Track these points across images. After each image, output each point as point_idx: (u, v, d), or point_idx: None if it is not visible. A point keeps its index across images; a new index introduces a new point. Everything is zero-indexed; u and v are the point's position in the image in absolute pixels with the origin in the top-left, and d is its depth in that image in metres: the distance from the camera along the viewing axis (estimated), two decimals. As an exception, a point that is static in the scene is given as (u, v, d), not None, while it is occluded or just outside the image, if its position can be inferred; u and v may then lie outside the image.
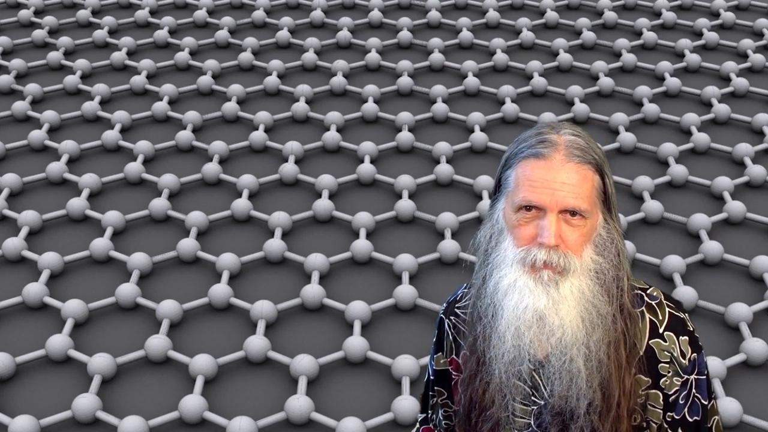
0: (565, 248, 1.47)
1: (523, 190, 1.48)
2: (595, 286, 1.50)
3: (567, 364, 1.50)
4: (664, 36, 5.58)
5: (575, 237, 1.48)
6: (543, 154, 1.48)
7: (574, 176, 1.47)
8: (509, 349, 1.51)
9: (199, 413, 2.99)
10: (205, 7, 5.80)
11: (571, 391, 1.51)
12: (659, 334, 1.57)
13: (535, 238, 1.48)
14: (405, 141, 4.41)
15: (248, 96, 4.92)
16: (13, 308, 3.53)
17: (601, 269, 1.51)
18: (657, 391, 1.56)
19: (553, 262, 1.46)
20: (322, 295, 3.48)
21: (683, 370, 1.56)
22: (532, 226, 1.48)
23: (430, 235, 3.91)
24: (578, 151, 1.49)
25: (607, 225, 1.53)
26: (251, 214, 3.96)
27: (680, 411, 1.57)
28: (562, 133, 1.51)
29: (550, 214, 1.46)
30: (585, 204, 1.47)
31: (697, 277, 3.69)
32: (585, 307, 1.49)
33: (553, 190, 1.46)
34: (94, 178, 4.12)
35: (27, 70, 5.09)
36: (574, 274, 1.48)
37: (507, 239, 1.51)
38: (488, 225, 1.57)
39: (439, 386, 1.77)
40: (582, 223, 1.48)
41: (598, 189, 1.51)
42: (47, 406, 3.10)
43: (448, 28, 5.66)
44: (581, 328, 1.49)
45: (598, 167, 1.51)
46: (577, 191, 1.47)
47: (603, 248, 1.52)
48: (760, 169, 4.18)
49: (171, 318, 3.39)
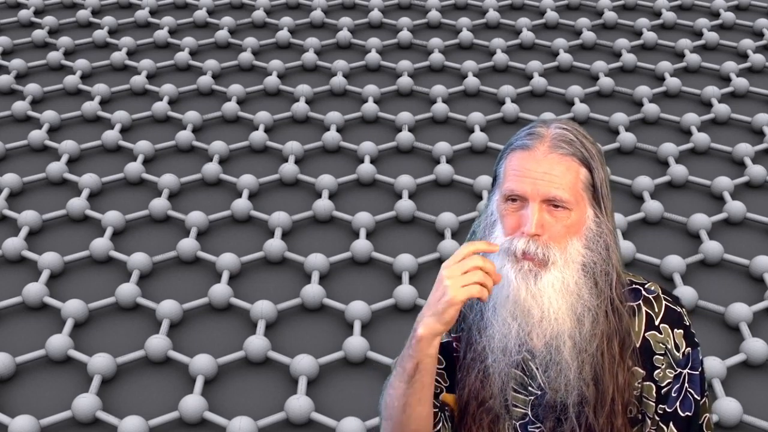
0: (548, 239, 1.49)
1: (507, 181, 1.52)
2: (581, 279, 1.51)
3: (554, 356, 1.51)
4: (664, 36, 5.58)
5: (558, 228, 1.49)
6: (528, 146, 1.52)
7: (557, 167, 1.49)
8: (499, 339, 1.53)
9: (199, 413, 3.00)
10: (205, 7, 5.80)
11: (559, 382, 1.52)
12: (655, 327, 1.57)
13: (519, 227, 1.50)
14: (405, 141, 4.41)
15: (248, 96, 4.92)
16: (13, 308, 3.53)
17: (590, 262, 1.52)
18: (651, 383, 1.57)
19: (531, 251, 1.48)
20: (322, 295, 3.48)
21: (677, 363, 1.57)
22: (517, 216, 1.51)
23: (430, 235, 3.91)
24: (564, 144, 1.52)
25: (597, 219, 1.54)
26: (251, 214, 3.96)
27: (672, 404, 1.57)
28: (552, 127, 1.54)
29: (532, 203, 1.49)
30: (567, 194, 1.49)
31: (697, 277, 3.69)
32: (570, 300, 1.50)
33: (534, 180, 1.49)
34: (94, 178, 4.12)
35: (27, 70, 5.09)
36: (555, 266, 1.49)
37: (498, 228, 1.54)
38: (483, 216, 1.60)
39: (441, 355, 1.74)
40: (565, 214, 1.49)
41: (585, 182, 1.52)
42: (47, 406, 3.10)
43: (448, 28, 5.66)
44: (566, 320, 1.49)
45: (585, 160, 1.52)
46: (560, 182, 1.49)
47: (593, 242, 1.53)
48: (760, 169, 4.18)
49: (171, 318, 3.39)
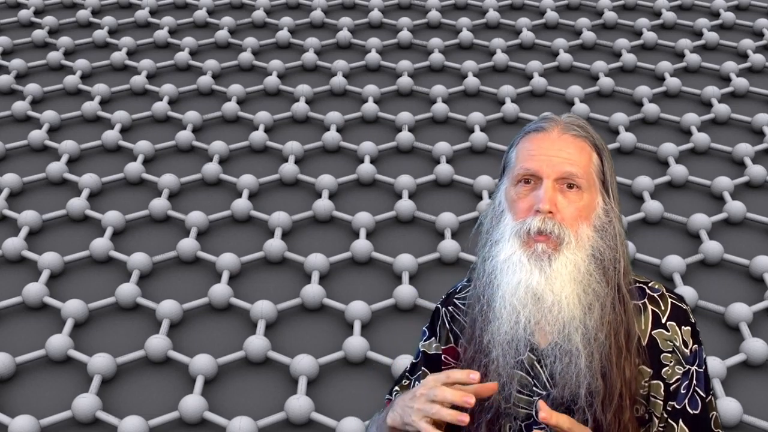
0: (561, 219, 1.49)
1: (520, 161, 1.54)
2: (591, 265, 1.50)
3: (566, 344, 1.49)
4: (664, 36, 5.58)
5: (571, 210, 1.50)
6: (543, 128, 1.55)
7: (572, 147, 1.52)
8: (506, 330, 1.51)
9: (199, 413, 3.00)
10: (205, 7, 5.80)
11: (570, 372, 1.50)
12: (662, 325, 1.57)
13: (532, 208, 1.50)
14: (405, 141, 4.41)
15: (248, 96, 4.92)
16: (13, 308, 3.53)
17: (599, 248, 1.52)
18: (659, 381, 1.56)
19: (548, 229, 1.48)
20: (322, 295, 3.48)
21: (685, 360, 1.56)
22: (530, 198, 1.51)
23: (430, 235, 3.91)
24: (576, 127, 1.55)
25: (606, 207, 1.55)
26: (251, 214, 3.96)
27: (681, 401, 1.56)
28: (563, 116, 1.59)
29: (546, 180, 1.49)
30: (581, 172, 1.50)
31: (697, 277, 3.69)
32: (580, 285, 1.49)
33: (549, 156, 1.51)
34: (94, 178, 4.12)
35: (27, 70, 5.09)
36: (568, 248, 1.48)
37: (507, 216, 1.54)
38: (491, 208, 1.60)
39: (426, 368, 1.73)
40: (578, 196, 1.50)
41: (596, 166, 1.54)
42: (47, 406, 3.10)
43: (448, 28, 5.66)
44: (577, 306, 1.49)
45: (596, 146, 1.55)
46: (574, 160, 1.51)
47: (602, 230, 1.53)
48: (760, 169, 4.18)
49: (171, 318, 3.39)
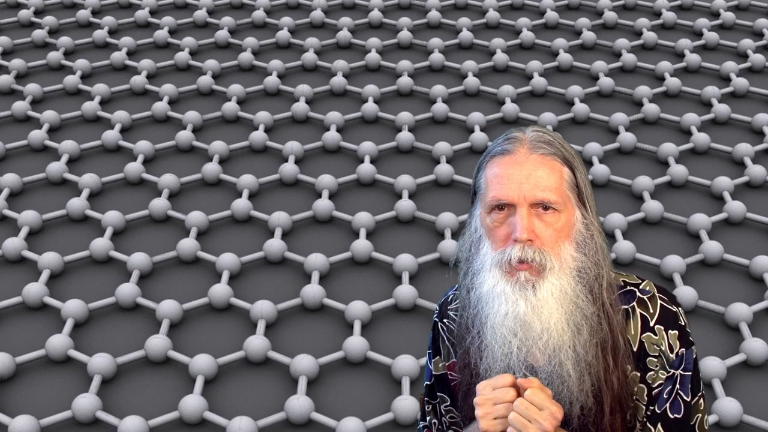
0: (541, 245, 1.43)
1: (491, 189, 1.46)
2: (578, 286, 1.46)
3: (557, 369, 1.46)
4: (664, 36, 5.58)
5: (549, 233, 1.44)
6: (508, 150, 1.47)
7: (540, 168, 1.44)
8: (499, 359, 1.48)
9: (199, 413, 2.99)
10: (205, 7, 5.80)
11: (563, 395, 1.48)
12: (650, 328, 1.53)
13: (510, 236, 1.44)
14: (405, 141, 4.41)
15: (248, 96, 4.92)
16: (13, 308, 3.53)
17: (583, 267, 1.47)
18: (643, 385, 1.54)
19: (528, 257, 1.42)
20: (322, 295, 3.48)
21: (670, 365, 1.53)
22: (506, 226, 1.45)
23: (430, 235, 3.91)
24: (543, 144, 1.47)
25: (585, 221, 1.49)
26: (251, 214, 3.96)
27: (662, 405, 1.54)
28: (528, 132, 1.50)
29: (520, 208, 1.43)
30: (554, 195, 1.44)
31: (697, 277, 3.69)
32: (569, 308, 1.45)
33: (519, 184, 1.43)
34: (94, 178, 4.12)
35: (27, 70, 5.09)
36: (552, 273, 1.43)
37: (485, 244, 1.48)
38: (467, 234, 1.54)
39: (441, 392, 1.71)
40: (555, 217, 1.44)
41: (569, 181, 1.47)
42: (47, 406, 3.10)
43: (448, 28, 5.66)
44: (566, 331, 1.44)
45: (566, 160, 1.48)
46: (545, 183, 1.43)
47: (584, 245, 1.48)
48: (760, 169, 4.18)
49: (171, 318, 3.39)
